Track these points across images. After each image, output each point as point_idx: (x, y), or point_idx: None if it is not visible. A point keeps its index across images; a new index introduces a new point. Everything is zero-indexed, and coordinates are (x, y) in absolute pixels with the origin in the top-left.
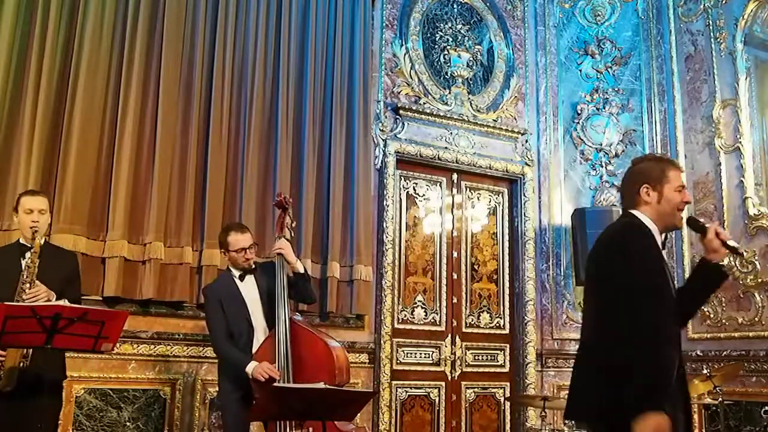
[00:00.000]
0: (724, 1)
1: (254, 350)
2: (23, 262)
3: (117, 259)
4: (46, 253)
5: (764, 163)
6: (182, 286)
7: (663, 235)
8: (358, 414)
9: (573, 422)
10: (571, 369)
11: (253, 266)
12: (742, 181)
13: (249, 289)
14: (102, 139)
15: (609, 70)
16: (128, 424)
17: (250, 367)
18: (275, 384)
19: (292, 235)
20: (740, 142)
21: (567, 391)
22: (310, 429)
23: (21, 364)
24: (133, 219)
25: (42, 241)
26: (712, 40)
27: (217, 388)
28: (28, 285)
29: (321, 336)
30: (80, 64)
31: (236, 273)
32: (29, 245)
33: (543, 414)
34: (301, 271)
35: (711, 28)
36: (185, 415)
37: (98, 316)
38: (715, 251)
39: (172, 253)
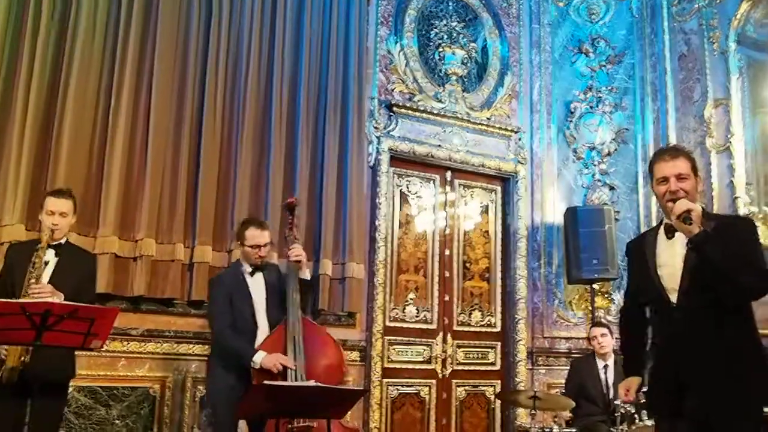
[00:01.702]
0: (717, 1)
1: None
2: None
3: (108, 255)
4: (65, 253)
5: (755, 162)
6: (173, 283)
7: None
8: (349, 412)
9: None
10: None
11: (264, 264)
12: (732, 180)
13: (257, 286)
14: (94, 135)
15: (603, 68)
16: (117, 422)
17: (259, 357)
18: (266, 382)
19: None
20: (731, 142)
21: (556, 389)
22: (315, 424)
23: (22, 359)
24: (125, 215)
25: (64, 241)
26: (705, 39)
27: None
28: (34, 281)
29: (330, 334)
30: (72, 60)
31: (247, 268)
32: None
33: (533, 412)
34: (308, 278)
35: (704, 27)
36: (175, 413)
37: (88, 313)
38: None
39: (164, 250)
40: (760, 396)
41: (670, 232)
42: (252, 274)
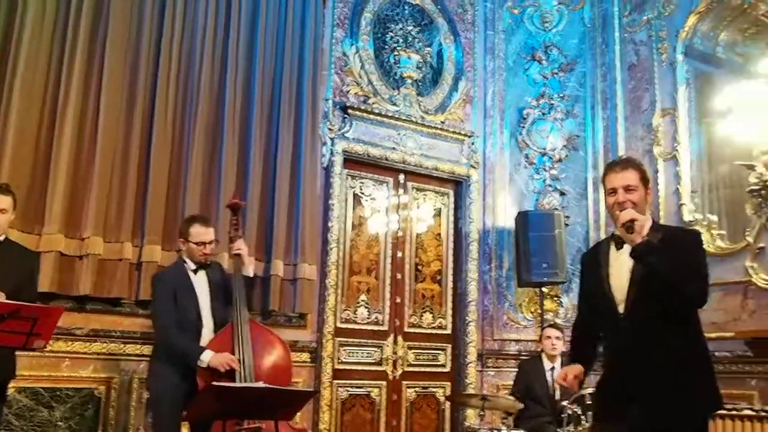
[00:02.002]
0: (666, 14)
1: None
2: None
3: (52, 253)
4: (4, 251)
5: (700, 171)
6: (121, 282)
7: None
8: (298, 413)
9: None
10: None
11: (208, 262)
12: (678, 188)
13: (201, 283)
14: (40, 130)
15: (555, 76)
16: (60, 423)
17: (207, 356)
18: (215, 383)
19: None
20: (677, 151)
21: (506, 391)
22: (264, 425)
23: None
24: (72, 213)
25: (2, 238)
26: (654, 50)
27: None
28: None
29: (277, 335)
30: (20, 52)
31: (191, 266)
32: None
33: (482, 413)
34: (251, 275)
35: (653, 38)
36: (120, 414)
37: (31, 312)
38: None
39: (111, 249)
40: (706, 402)
41: (618, 243)
42: (195, 272)
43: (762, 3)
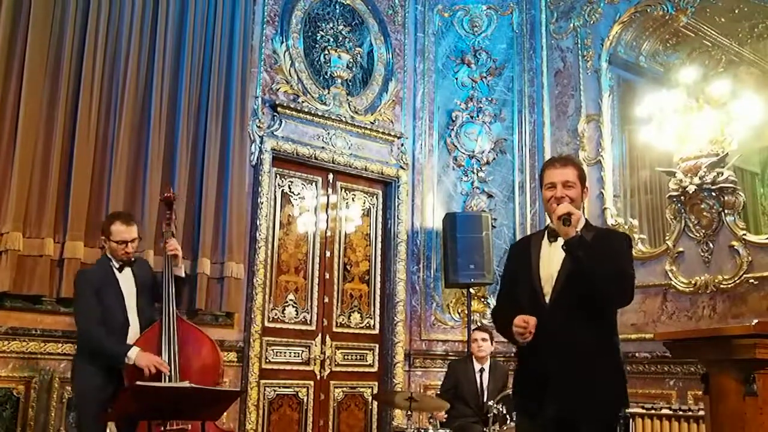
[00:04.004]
0: (592, 22)
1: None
2: None
3: None
4: None
5: (622, 176)
6: (41, 279)
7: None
8: (225, 413)
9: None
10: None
11: (133, 259)
12: (602, 192)
13: (127, 281)
14: None
15: (484, 80)
16: None
17: (134, 353)
18: (138, 383)
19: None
20: (602, 156)
21: (433, 391)
22: (189, 426)
23: None
24: None
25: None
26: (579, 57)
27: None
28: None
29: (206, 334)
30: None
31: (115, 264)
32: None
33: (409, 413)
34: (183, 275)
35: (579, 46)
36: (40, 415)
37: None
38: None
39: (32, 245)
40: (617, 398)
41: (552, 236)
42: (120, 269)
43: (683, 15)
